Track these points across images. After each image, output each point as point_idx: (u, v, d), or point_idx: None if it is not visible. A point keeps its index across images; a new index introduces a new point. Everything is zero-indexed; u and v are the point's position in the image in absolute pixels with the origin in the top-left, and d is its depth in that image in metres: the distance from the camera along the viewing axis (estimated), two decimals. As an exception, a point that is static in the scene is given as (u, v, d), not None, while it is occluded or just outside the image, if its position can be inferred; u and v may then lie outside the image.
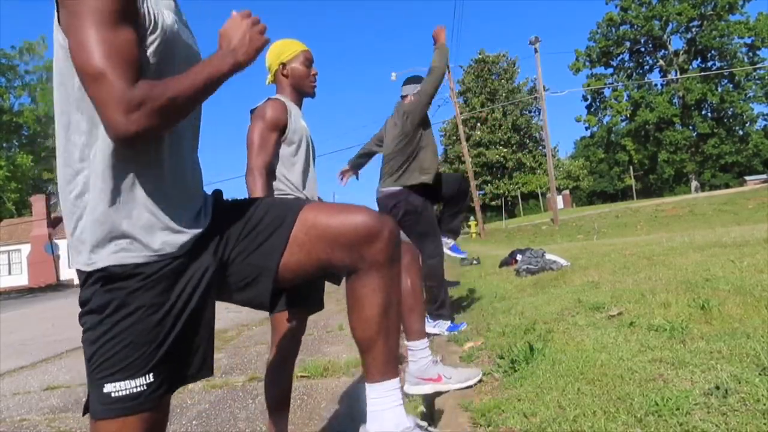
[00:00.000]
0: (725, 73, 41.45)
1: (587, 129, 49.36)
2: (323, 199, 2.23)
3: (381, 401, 1.29)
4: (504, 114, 44.49)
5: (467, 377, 2.28)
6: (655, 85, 44.82)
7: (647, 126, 43.34)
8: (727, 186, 40.15)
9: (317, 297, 2.06)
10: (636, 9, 43.37)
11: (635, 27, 43.90)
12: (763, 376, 1.64)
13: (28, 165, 33.06)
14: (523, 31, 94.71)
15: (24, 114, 34.97)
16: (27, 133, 36.72)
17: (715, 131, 42.71)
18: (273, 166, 2.11)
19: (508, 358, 2.40)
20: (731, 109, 42.58)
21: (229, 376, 3.83)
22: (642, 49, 46.00)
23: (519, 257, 6.60)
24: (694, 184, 43.00)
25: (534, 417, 1.70)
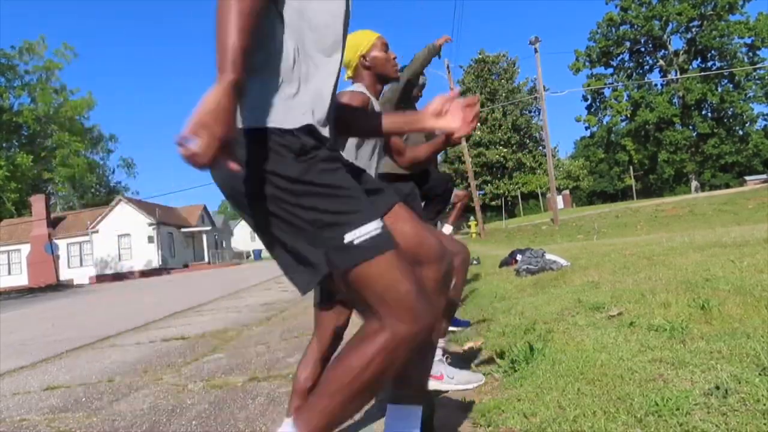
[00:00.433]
0: (725, 73, 41.47)
1: (587, 129, 49.42)
2: None
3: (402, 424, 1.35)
4: (504, 114, 44.52)
5: (469, 380, 2.28)
6: (655, 85, 44.86)
7: (647, 126, 43.35)
8: (727, 186, 40.16)
9: None
10: (636, 9, 43.38)
11: (635, 27, 43.91)
12: (763, 376, 1.64)
13: (27, 165, 33.04)
14: (523, 31, 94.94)
15: (24, 114, 34.96)
16: (27, 133, 36.72)
17: (715, 131, 42.72)
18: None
19: (508, 358, 2.40)
20: (731, 109, 42.60)
21: (229, 376, 3.83)
22: (642, 49, 46.01)
23: (519, 257, 6.60)
24: (694, 184, 43.01)
25: (534, 417, 1.70)
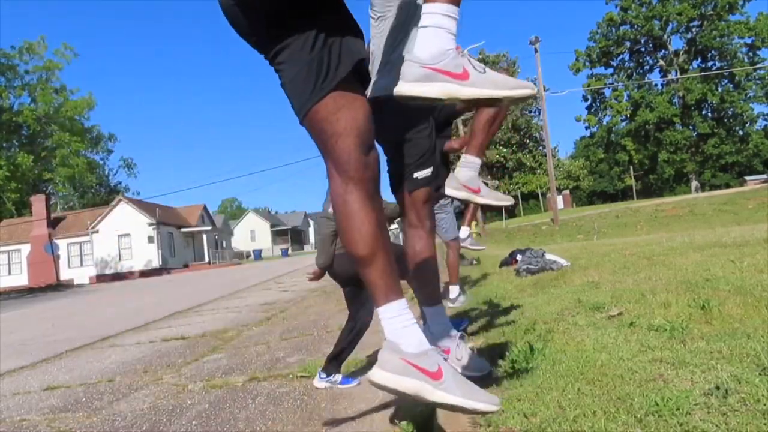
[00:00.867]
0: (725, 73, 41.48)
1: (587, 129, 49.45)
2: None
3: (394, 321, 1.33)
4: (504, 114, 44.45)
5: (497, 196, 2.25)
6: (655, 85, 44.87)
7: (647, 126, 43.36)
8: (727, 186, 40.16)
9: None
10: (636, 9, 43.39)
11: (635, 27, 43.92)
12: (763, 376, 1.64)
13: (28, 165, 33.06)
14: (523, 31, 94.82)
15: (24, 114, 34.97)
16: (27, 133, 36.74)
17: (715, 131, 42.74)
18: None
19: (508, 358, 2.40)
20: (731, 109, 42.61)
21: (229, 376, 3.83)
22: (642, 49, 46.02)
23: (519, 257, 6.59)
24: (694, 184, 43.01)
25: (534, 417, 1.70)
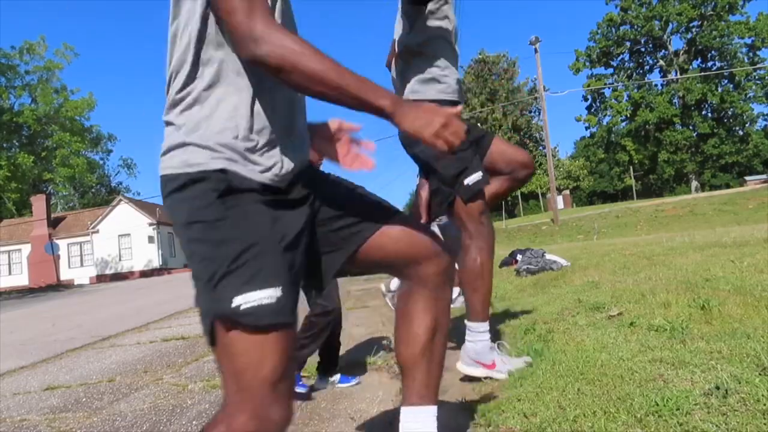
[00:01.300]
0: (725, 73, 41.46)
1: (587, 129, 49.41)
2: None
3: (415, 425, 1.27)
4: (504, 114, 44.49)
5: (516, 365, 2.27)
6: (655, 85, 44.84)
7: (647, 126, 43.34)
8: (727, 186, 40.14)
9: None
10: (636, 9, 43.37)
11: (635, 27, 43.90)
12: (763, 376, 1.64)
13: (28, 165, 33.05)
14: (523, 31, 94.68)
15: (24, 114, 34.96)
16: (27, 133, 36.72)
17: (715, 131, 42.71)
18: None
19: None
20: (731, 109, 42.58)
21: (229, 376, 3.82)
22: (642, 49, 46.01)
23: (519, 257, 6.59)
24: (694, 184, 42.99)
25: (534, 417, 1.70)
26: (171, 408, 3.15)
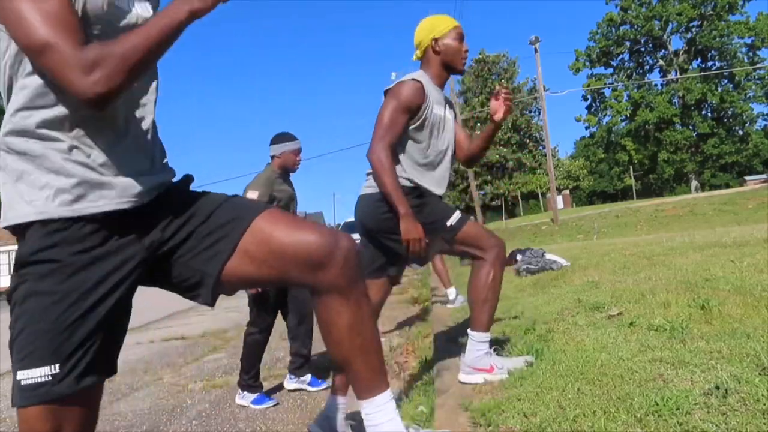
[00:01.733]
0: (725, 73, 41.44)
1: (587, 129, 49.36)
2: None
3: (375, 416, 1.26)
4: (504, 114, 44.43)
5: (516, 365, 2.27)
6: (655, 85, 44.80)
7: (647, 126, 43.32)
8: (727, 186, 40.13)
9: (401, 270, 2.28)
10: (636, 9, 43.35)
11: (635, 27, 43.89)
12: (763, 376, 1.64)
13: (28, 165, 33.09)
14: (523, 31, 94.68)
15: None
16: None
17: (715, 131, 42.70)
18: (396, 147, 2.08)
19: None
20: (731, 109, 42.56)
21: (229, 376, 3.83)
22: (642, 49, 45.98)
23: (519, 257, 6.60)
24: (694, 184, 42.98)
25: (534, 417, 1.70)
26: (171, 408, 3.15)
